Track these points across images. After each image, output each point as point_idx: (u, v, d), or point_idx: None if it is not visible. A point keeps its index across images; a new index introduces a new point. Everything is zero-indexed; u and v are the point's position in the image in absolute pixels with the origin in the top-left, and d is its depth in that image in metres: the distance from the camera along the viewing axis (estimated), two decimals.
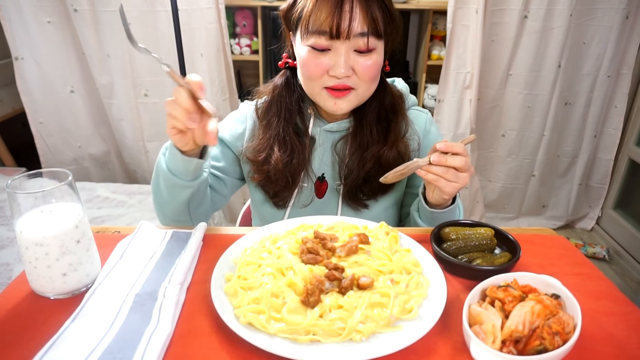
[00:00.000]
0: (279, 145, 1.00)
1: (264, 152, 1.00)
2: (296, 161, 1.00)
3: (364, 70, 0.90)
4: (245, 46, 2.62)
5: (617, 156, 2.62)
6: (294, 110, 1.01)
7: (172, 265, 0.73)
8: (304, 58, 0.91)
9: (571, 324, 0.57)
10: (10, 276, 1.53)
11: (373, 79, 0.93)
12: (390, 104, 1.02)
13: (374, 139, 1.00)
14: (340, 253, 0.73)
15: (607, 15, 2.26)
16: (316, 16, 0.86)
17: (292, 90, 1.02)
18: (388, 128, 1.01)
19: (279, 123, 1.00)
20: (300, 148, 1.01)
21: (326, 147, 1.04)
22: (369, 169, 0.99)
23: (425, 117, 1.09)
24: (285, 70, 1.03)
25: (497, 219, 2.81)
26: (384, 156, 0.98)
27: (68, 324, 0.60)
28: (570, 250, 0.85)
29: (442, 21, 2.62)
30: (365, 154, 0.99)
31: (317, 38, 0.87)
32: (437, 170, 0.82)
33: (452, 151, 0.82)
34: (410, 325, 0.61)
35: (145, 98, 2.44)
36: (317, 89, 0.93)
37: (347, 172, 1.01)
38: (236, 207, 2.65)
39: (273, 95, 1.03)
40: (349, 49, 0.88)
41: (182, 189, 0.90)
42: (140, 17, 2.23)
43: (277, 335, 0.59)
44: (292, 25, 0.94)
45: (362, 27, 0.86)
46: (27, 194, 0.63)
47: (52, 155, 2.53)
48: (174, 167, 0.87)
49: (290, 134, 1.00)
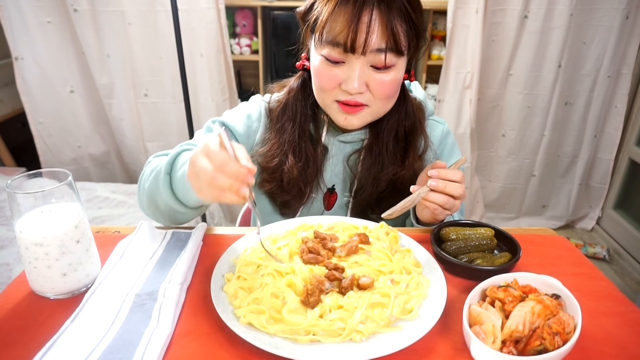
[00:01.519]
0: (293, 152, 0.94)
1: (277, 159, 0.94)
2: (310, 170, 0.95)
3: (379, 88, 0.84)
4: (245, 46, 2.62)
5: (617, 156, 2.62)
6: (308, 115, 0.96)
7: (172, 265, 0.73)
8: (317, 67, 0.86)
9: (571, 324, 0.57)
10: (10, 276, 1.53)
11: (389, 97, 0.87)
12: (411, 123, 0.95)
13: (390, 159, 0.94)
14: (340, 253, 0.73)
15: (607, 15, 2.26)
16: (331, 26, 0.80)
17: (308, 94, 0.96)
18: (406, 148, 0.95)
19: (293, 128, 0.95)
20: (314, 157, 0.95)
21: (339, 157, 0.99)
22: (382, 189, 0.94)
23: (442, 128, 1.04)
24: (303, 72, 0.98)
25: (497, 219, 2.81)
26: (400, 178, 0.93)
27: (68, 324, 0.60)
28: (570, 250, 0.84)
29: (442, 21, 2.62)
30: (381, 175, 0.94)
31: (331, 49, 0.82)
32: (438, 200, 0.80)
33: (448, 179, 0.80)
34: (410, 325, 0.61)
35: (145, 98, 2.44)
36: (329, 101, 0.88)
37: (358, 187, 0.97)
38: (236, 207, 2.65)
39: (288, 98, 0.97)
40: (365, 64, 0.82)
41: (186, 215, 0.85)
42: (140, 17, 2.23)
43: (277, 335, 0.59)
44: (309, 29, 0.88)
45: (380, 43, 0.79)
46: (27, 194, 0.62)
47: (52, 155, 2.53)
48: (184, 197, 0.79)
49: (305, 140, 0.95)
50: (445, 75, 2.44)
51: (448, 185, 0.79)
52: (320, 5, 0.83)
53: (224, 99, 2.49)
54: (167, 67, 2.34)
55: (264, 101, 1.02)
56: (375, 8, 0.78)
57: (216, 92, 2.44)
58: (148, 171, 0.87)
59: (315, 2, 0.85)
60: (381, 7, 0.78)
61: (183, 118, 2.31)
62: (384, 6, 0.78)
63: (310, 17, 0.85)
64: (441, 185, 0.79)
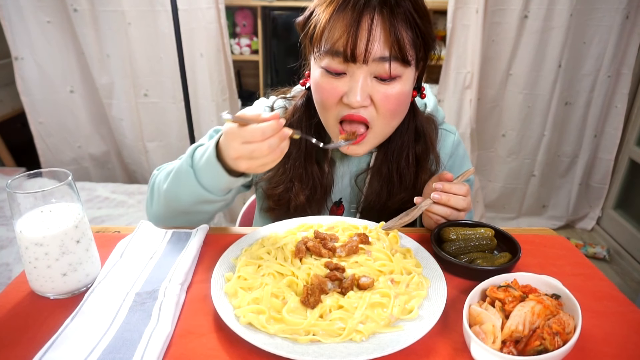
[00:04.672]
0: (299, 179, 0.91)
1: (282, 185, 0.90)
2: (318, 195, 0.92)
3: (384, 102, 0.77)
4: (245, 46, 2.62)
5: (617, 156, 2.62)
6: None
7: (172, 265, 0.73)
8: (317, 81, 0.80)
9: (571, 324, 0.57)
10: (10, 276, 1.53)
11: (394, 114, 0.80)
12: (423, 147, 0.90)
13: (400, 185, 0.90)
14: (340, 253, 0.73)
15: (607, 15, 2.26)
16: (330, 34, 0.74)
17: (312, 114, 0.91)
18: (417, 173, 0.91)
19: (299, 154, 0.91)
20: (321, 179, 0.92)
21: (345, 171, 0.96)
22: (391, 213, 0.89)
23: (453, 138, 1.00)
24: (306, 91, 0.92)
25: (497, 219, 2.81)
26: (410, 201, 0.87)
27: (68, 322, 0.60)
28: (570, 251, 0.84)
29: (442, 21, 2.62)
30: (390, 202, 0.91)
31: (331, 60, 0.76)
32: (441, 212, 0.80)
33: (453, 193, 0.79)
34: (410, 325, 0.61)
35: (145, 98, 2.44)
36: (332, 122, 0.83)
37: (364, 206, 0.94)
38: (236, 207, 2.64)
39: (292, 120, 0.92)
40: (368, 75, 0.76)
41: (213, 204, 0.83)
42: (140, 17, 2.23)
43: (277, 335, 0.59)
44: (308, 39, 0.82)
45: (383, 51, 0.73)
46: (27, 194, 0.62)
47: (52, 155, 2.53)
48: (211, 184, 0.78)
49: (311, 164, 0.91)
50: (445, 75, 2.44)
51: (452, 198, 0.79)
52: (319, 12, 0.78)
53: (224, 99, 2.49)
54: (167, 67, 2.34)
55: (267, 107, 1.00)
56: (377, 13, 0.72)
57: (216, 92, 2.44)
58: (162, 176, 0.86)
59: (314, 9, 0.80)
60: (383, 12, 0.72)
61: (183, 118, 2.31)
62: (387, 11, 0.72)
63: (309, 25, 0.80)
64: (444, 198, 0.78)
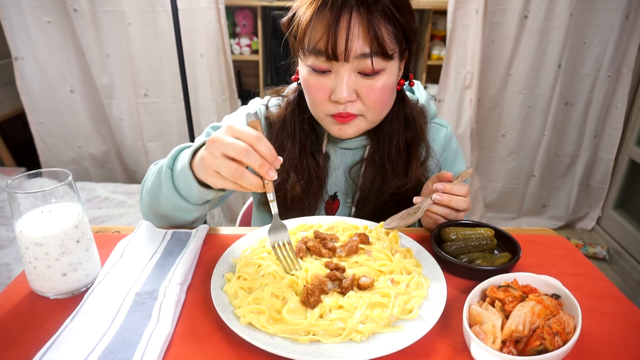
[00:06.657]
0: (295, 170, 0.92)
1: (278, 177, 0.90)
2: (314, 187, 0.93)
3: (369, 95, 0.80)
4: (245, 46, 2.62)
5: (617, 156, 2.62)
6: (308, 131, 0.94)
7: (172, 265, 0.73)
8: (305, 79, 0.83)
9: (571, 324, 0.57)
10: (10, 276, 1.53)
11: (382, 105, 0.84)
12: (412, 133, 0.92)
13: (393, 171, 0.92)
14: (340, 253, 0.73)
15: (607, 15, 2.26)
16: (311, 34, 0.77)
17: (305, 107, 0.93)
18: (408, 159, 0.93)
19: (293, 145, 0.92)
20: (317, 170, 0.93)
21: (340, 165, 0.97)
22: (386, 201, 0.93)
23: (445, 132, 1.01)
24: (299, 86, 0.94)
25: (497, 219, 2.81)
26: (404, 190, 0.91)
27: (68, 322, 0.60)
28: (570, 251, 0.84)
29: (442, 21, 2.62)
30: (384, 189, 0.92)
31: (315, 59, 0.79)
32: (441, 212, 0.80)
33: (453, 193, 0.79)
34: (410, 325, 0.61)
35: (145, 98, 2.44)
36: (322, 115, 0.86)
37: (360, 197, 0.95)
38: (236, 207, 2.65)
39: (286, 114, 0.94)
40: (352, 71, 0.78)
41: (189, 212, 0.82)
42: (140, 17, 2.23)
43: (277, 335, 0.59)
44: (293, 39, 0.84)
45: (363, 48, 0.75)
46: (27, 194, 0.62)
47: (52, 155, 2.53)
48: (186, 192, 0.77)
49: (306, 156, 0.93)
50: (445, 75, 2.44)
51: (453, 199, 0.79)
52: (300, 13, 0.80)
53: (224, 99, 2.49)
54: (167, 67, 2.34)
55: (263, 105, 1.01)
56: (355, 11, 0.74)
57: (216, 92, 2.44)
58: (150, 173, 0.86)
59: (296, 11, 0.82)
60: (361, 10, 0.74)
61: (183, 118, 2.31)
62: (364, 9, 0.74)
63: (293, 25, 0.82)
64: (446, 199, 0.79)
